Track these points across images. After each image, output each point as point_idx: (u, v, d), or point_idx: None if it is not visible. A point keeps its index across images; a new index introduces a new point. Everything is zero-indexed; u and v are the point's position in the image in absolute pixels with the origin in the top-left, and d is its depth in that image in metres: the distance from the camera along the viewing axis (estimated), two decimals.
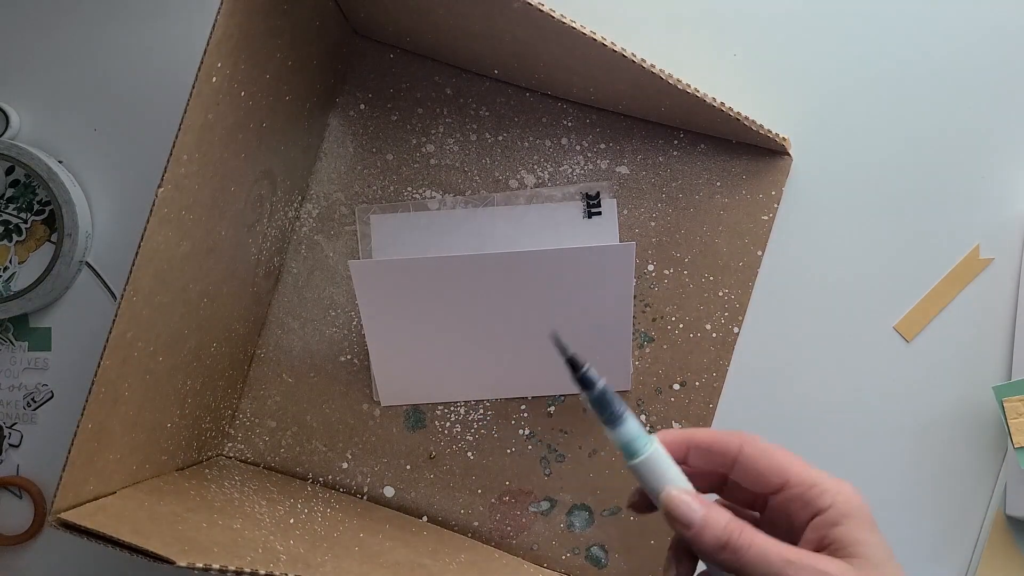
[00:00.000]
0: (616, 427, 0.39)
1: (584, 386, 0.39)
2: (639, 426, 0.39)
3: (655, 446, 0.39)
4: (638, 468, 0.39)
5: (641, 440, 0.39)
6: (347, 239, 0.62)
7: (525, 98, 0.61)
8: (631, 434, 0.39)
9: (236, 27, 0.46)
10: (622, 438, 0.39)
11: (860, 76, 0.59)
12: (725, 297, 0.59)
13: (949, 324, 0.58)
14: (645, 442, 0.39)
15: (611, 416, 0.39)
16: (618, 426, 0.39)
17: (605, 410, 0.39)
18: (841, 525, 0.37)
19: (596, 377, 0.39)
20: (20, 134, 0.63)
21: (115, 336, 0.45)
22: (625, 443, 0.39)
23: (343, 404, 0.62)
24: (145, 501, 0.50)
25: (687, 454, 0.40)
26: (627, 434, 0.39)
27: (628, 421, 0.39)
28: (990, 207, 0.58)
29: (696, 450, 0.40)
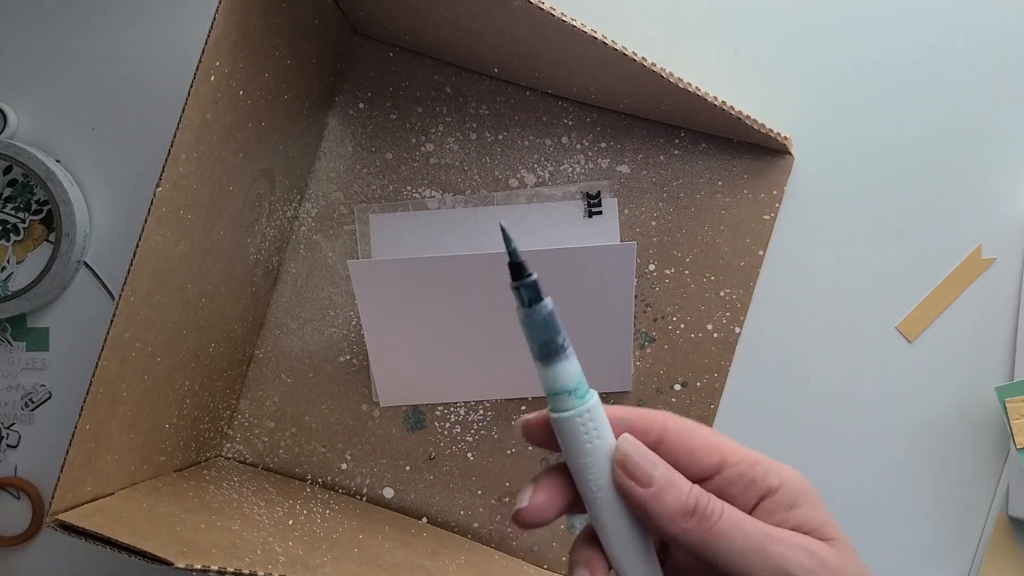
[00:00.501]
0: (555, 362, 0.31)
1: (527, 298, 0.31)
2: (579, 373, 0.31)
3: (595, 397, 0.31)
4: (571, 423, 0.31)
5: (583, 387, 0.31)
6: (346, 239, 0.62)
7: (525, 97, 0.61)
8: (574, 376, 0.31)
9: (235, 25, 0.46)
10: (561, 380, 0.31)
11: (862, 75, 0.59)
12: (727, 297, 0.59)
13: (951, 324, 0.58)
14: (585, 391, 0.31)
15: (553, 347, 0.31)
16: (560, 361, 0.31)
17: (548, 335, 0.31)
18: (799, 507, 0.31)
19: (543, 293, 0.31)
20: (18, 133, 0.63)
21: (113, 336, 0.45)
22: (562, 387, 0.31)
23: (342, 405, 0.61)
24: (143, 502, 0.49)
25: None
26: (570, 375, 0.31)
27: (573, 359, 0.31)
28: (992, 207, 0.58)
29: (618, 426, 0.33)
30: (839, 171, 0.59)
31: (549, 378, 0.31)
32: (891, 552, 0.58)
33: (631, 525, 0.32)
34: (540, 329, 0.31)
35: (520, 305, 0.31)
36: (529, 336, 0.31)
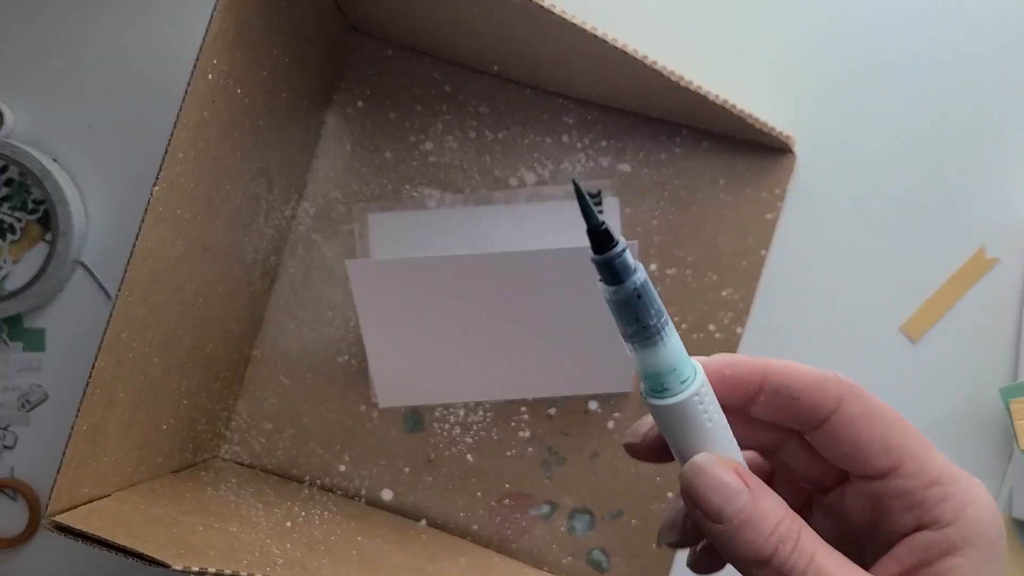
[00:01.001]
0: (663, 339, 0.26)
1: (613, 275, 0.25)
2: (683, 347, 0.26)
3: (700, 379, 0.26)
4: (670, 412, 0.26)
5: (684, 369, 0.26)
6: (345, 238, 0.61)
7: (525, 95, 0.60)
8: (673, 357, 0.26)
9: (233, 23, 0.45)
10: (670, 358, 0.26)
11: (865, 74, 0.59)
12: (729, 297, 0.58)
13: (955, 325, 0.58)
14: (690, 373, 0.26)
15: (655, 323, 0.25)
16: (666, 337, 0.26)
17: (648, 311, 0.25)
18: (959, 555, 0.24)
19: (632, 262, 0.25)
20: (14, 132, 0.62)
21: (110, 336, 0.45)
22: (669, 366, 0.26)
23: (341, 406, 0.61)
24: (140, 504, 0.49)
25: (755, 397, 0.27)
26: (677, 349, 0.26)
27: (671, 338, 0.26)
28: (996, 207, 0.58)
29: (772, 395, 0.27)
30: (842, 170, 0.59)
31: (654, 360, 0.26)
32: None
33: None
34: (636, 306, 0.25)
35: (606, 284, 0.25)
36: (622, 317, 0.26)
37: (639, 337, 0.26)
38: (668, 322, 0.26)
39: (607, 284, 0.25)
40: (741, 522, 0.24)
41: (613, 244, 0.24)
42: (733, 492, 0.24)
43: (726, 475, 0.25)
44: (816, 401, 0.26)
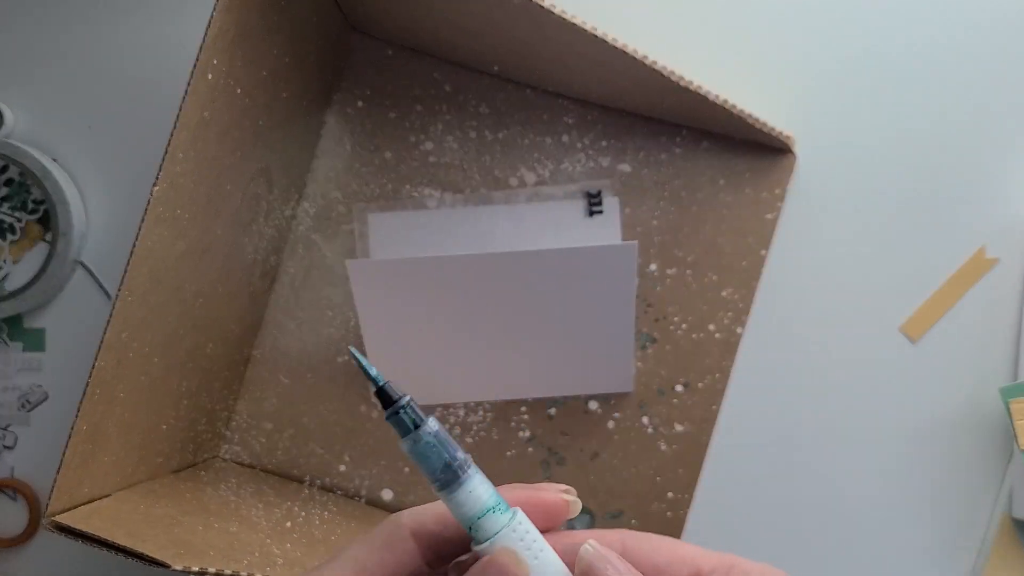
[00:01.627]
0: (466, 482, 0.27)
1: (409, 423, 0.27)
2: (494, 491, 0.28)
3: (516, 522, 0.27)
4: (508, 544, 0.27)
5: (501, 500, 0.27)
6: (345, 238, 0.61)
7: (525, 95, 0.60)
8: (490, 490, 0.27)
9: (232, 23, 0.45)
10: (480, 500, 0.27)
11: (865, 74, 0.59)
12: (729, 297, 0.58)
13: (955, 325, 0.58)
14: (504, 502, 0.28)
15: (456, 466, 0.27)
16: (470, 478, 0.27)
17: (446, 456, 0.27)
18: None
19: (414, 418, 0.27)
20: (14, 132, 0.62)
21: (110, 337, 0.45)
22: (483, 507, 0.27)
23: (341, 406, 0.61)
24: (140, 504, 0.49)
25: None
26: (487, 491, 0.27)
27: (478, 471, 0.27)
28: (996, 207, 0.58)
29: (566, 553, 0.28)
30: (842, 170, 0.59)
31: (465, 502, 0.27)
32: (894, 553, 0.58)
33: None
34: (434, 453, 0.27)
35: (401, 435, 0.27)
36: (424, 465, 0.27)
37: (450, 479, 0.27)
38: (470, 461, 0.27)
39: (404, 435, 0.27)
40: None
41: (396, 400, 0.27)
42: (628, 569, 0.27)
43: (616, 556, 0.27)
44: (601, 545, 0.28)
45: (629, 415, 0.59)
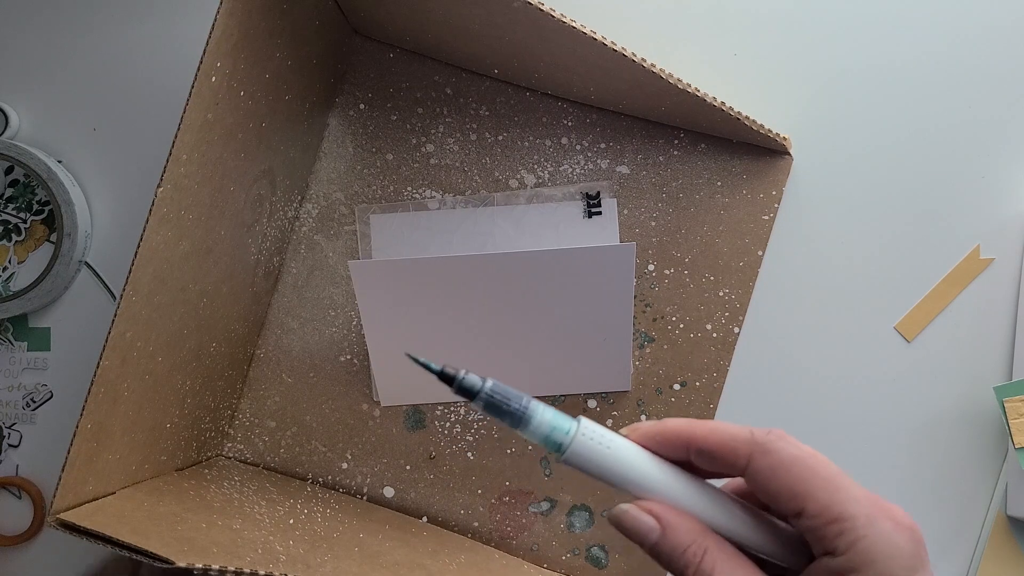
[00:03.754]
0: (525, 426, 0.31)
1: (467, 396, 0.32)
2: (554, 413, 0.32)
3: (581, 428, 0.31)
4: (572, 462, 0.31)
5: (560, 429, 0.31)
6: (347, 239, 0.62)
7: (525, 97, 0.61)
8: (546, 425, 0.31)
9: (236, 26, 0.46)
10: (539, 434, 0.31)
11: (861, 76, 0.59)
12: (726, 297, 0.59)
13: (950, 324, 0.58)
14: (567, 428, 0.31)
15: (513, 416, 0.31)
16: (527, 424, 0.31)
17: (502, 412, 0.31)
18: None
19: (477, 381, 0.31)
20: (19, 134, 0.63)
21: (114, 336, 0.45)
22: (544, 439, 0.31)
23: (343, 404, 0.61)
24: (144, 501, 0.49)
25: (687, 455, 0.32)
26: (540, 428, 0.31)
27: (536, 412, 0.31)
28: (991, 207, 0.58)
29: (696, 455, 0.32)
30: (838, 171, 0.59)
31: (538, 432, 0.31)
32: None
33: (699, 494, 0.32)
34: (499, 408, 0.31)
35: (470, 401, 0.32)
36: (495, 416, 0.32)
37: (517, 422, 0.31)
38: (531, 400, 0.31)
39: (470, 402, 0.32)
40: (656, 552, 0.31)
41: (454, 377, 0.31)
42: (645, 532, 0.31)
43: (638, 520, 0.31)
44: (729, 460, 0.31)
45: (627, 413, 0.59)
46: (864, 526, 0.29)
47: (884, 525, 0.29)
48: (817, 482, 0.30)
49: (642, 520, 0.31)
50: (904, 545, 0.29)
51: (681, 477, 0.32)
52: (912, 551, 0.29)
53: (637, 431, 0.33)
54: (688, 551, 0.31)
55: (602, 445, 0.31)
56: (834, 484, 0.30)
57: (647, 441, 0.32)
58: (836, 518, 0.29)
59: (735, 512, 0.32)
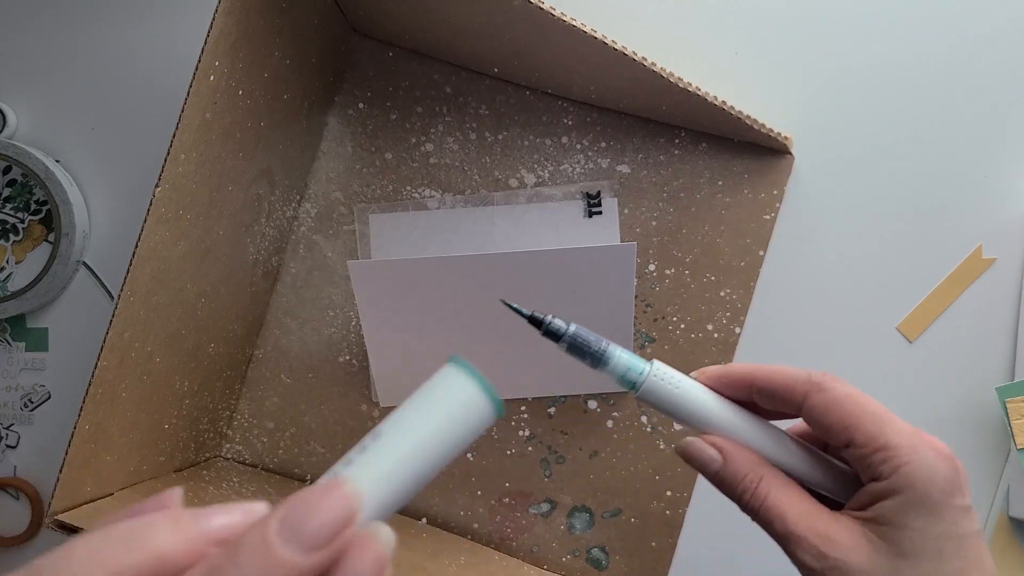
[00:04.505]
0: (604, 366, 0.36)
1: (554, 338, 0.37)
2: (629, 355, 0.36)
3: (654, 369, 0.35)
4: (645, 399, 0.35)
5: (635, 369, 0.35)
6: (346, 239, 0.62)
7: (525, 96, 0.60)
8: (622, 366, 0.35)
9: (234, 25, 0.46)
10: (616, 373, 0.36)
11: (862, 75, 0.59)
12: (727, 297, 0.59)
13: (952, 324, 0.58)
14: (641, 369, 0.35)
15: (593, 357, 0.36)
16: (605, 364, 0.36)
17: (584, 353, 0.36)
18: (889, 499, 0.32)
19: (562, 325, 0.36)
20: (17, 133, 0.63)
21: (112, 336, 0.45)
22: (620, 377, 0.36)
23: (342, 405, 0.61)
24: None
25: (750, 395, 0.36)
26: (618, 368, 0.36)
27: (613, 354, 0.36)
28: (993, 207, 0.58)
29: (759, 395, 0.35)
30: (839, 171, 0.59)
31: (616, 372, 0.36)
32: None
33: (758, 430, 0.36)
34: (581, 350, 0.36)
35: (556, 343, 0.36)
36: (578, 357, 0.36)
37: (596, 362, 0.36)
38: (609, 343, 0.36)
39: (556, 343, 0.36)
40: (718, 479, 0.35)
41: (542, 322, 0.36)
42: (707, 461, 0.35)
43: (703, 451, 0.35)
44: (787, 398, 0.34)
45: (628, 414, 0.59)
46: (907, 453, 0.32)
47: (925, 453, 0.32)
48: (865, 416, 0.33)
49: (706, 451, 0.35)
50: (943, 471, 0.32)
51: (743, 415, 0.35)
52: (950, 476, 0.32)
53: (705, 374, 0.36)
54: (746, 478, 0.34)
55: (671, 385, 0.35)
56: (880, 417, 0.33)
57: (713, 383, 0.36)
58: (882, 447, 0.32)
59: (791, 448, 0.35)
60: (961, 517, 0.32)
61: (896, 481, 0.32)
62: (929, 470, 0.32)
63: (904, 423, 0.33)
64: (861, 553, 0.32)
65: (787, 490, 0.34)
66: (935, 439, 0.33)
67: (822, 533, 0.33)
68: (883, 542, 0.32)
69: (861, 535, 0.32)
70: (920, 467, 0.32)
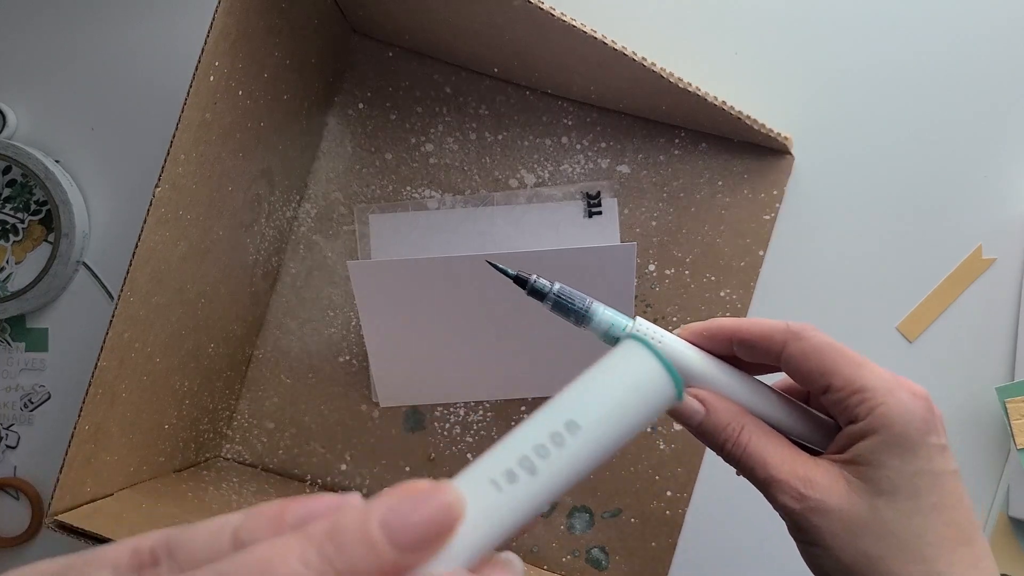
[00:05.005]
0: (588, 323, 0.37)
1: (539, 297, 0.38)
2: (613, 312, 0.37)
3: (636, 325, 0.37)
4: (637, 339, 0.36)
5: (618, 325, 0.37)
6: (346, 239, 0.62)
7: (525, 96, 0.60)
8: (605, 322, 0.37)
9: (234, 25, 0.46)
10: (600, 330, 0.37)
11: (862, 75, 0.59)
12: (727, 297, 0.59)
13: (952, 324, 0.58)
14: (623, 325, 0.37)
15: (577, 314, 0.37)
16: (589, 321, 0.37)
17: (568, 312, 0.37)
18: (865, 440, 0.33)
19: (547, 284, 0.38)
20: (17, 134, 0.63)
21: (112, 337, 0.45)
22: (604, 334, 0.37)
23: (342, 405, 0.61)
24: (143, 503, 0.49)
25: (732, 348, 0.37)
26: (601, 324, 0.37)
27: (596, 311, 0.37)
28: (992, 207, 0.58)
29: (739, 346, 0.36)
30: (839, 171, 0.59)
31: (599, 329, 0.37)
32: None
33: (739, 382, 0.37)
34: (565, 307, 0.37)
35: (540, 301, 0.38)
36: (562, 315, 0.37)
37: (580, 319, 0.37)
38: (592, 301, 0.37)
39: (541, 301, 0.38)
40: (701, 430, 0.36)
41: (526, 281, 0.38)
42: (691, 412, 0.36)
43: (686, 403, 0.36)
44: (766, 347, 0.35)
45: None
46: (883, 394, 0.33)
47: (901, 394, 0.33)
48: (842, 361, 0.34)
49: (689, 403, 0.36)
50: (918, 410, 0.33)
51: (724, 368, 0.36)
52: (925, 416, 0.33)
53: (687, 329, 0.37)
54: (728, 427, 0.35)
55: (654, 340, 0.36)
56: (857, 362, 0.34)
57: (695, 337, 0.37)
58: (858, 389, 0.33)
59: (772, 399, 0.36)
60: (936, 455, 0.33)
61: (872, 422, 0.33)
62: (904, 410, 0.33)
63: (882, 369, 0.34)
64: (839, 493, 0.33)
65: (768, 437, 0.35)
66: (911, 382, 0.34)
67: (801, 476, 0.34)
68: (860, 481, 0.33)
69: (839, 476, 0.33)
70: (895, 407, 0.33)
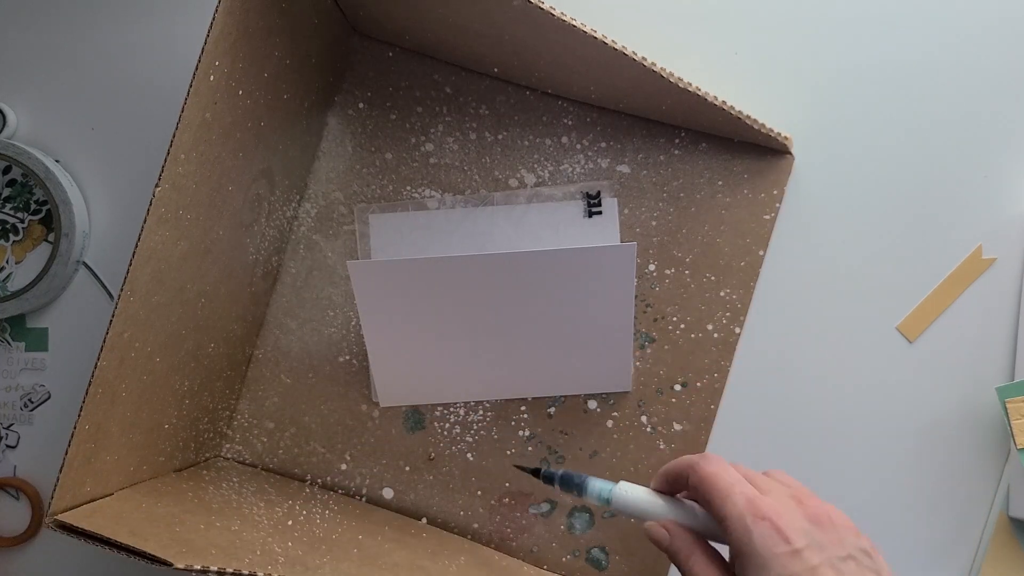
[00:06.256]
0: (585, 493, 0.49)
1: (548, 482, 0.50)
2: (600, 481, 0.49)
3: (615, 489, 0.48)
4: (616, 507, 0.48)
5: (605, 490, 0.48)
6: (346, 239, 0.62)
7: (525, 96, 0.60)
8: (596, 489, 0.49)
9: (234, 25, 0.46)
10: (593, 497, 0.49)
11: (863, 75, 0.59)
12: (727, 297, 0.59)
13: (952, 324, 0.58)
14: (608, 489, 0.48)
15: (577, 488, 0.49)
16: (585, 491, 0.49)
17: (570, 487, 0.49)
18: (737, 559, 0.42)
19: (553, 471, 0.50)
20: (17, 133, 0.63)
21: (112, 336, 0.45)
22: (596, 499, 0.48)
23: (342, 405, 0.61)
24: (143, 502, 0.49)
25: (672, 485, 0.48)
26: (594, 492, 0.49)
27: (589, 483, 0.49)
28: (993, 207, 0.58)
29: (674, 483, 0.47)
30: (840, 171, 0.59)
31: (591, 495, 0.49)
32: (892, 553, 0.58)
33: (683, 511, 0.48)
34: (568, 486, 0.50)
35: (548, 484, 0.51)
36: (565, 491, 0.50)
37: (580, 492, 0.49)
38: (587, 477, 0.49)
39: (550, 486, 0.51)
40: (668, 551, 0.46)
41: (539, 473, 0.51)
42: (660, 539, 0.46)
43: (657, 532, 0.46)
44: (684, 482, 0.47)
45: (628, 414, 0.59)
46: (735, 523, 0.41)
47: (746, 522, 0.41)
48: (713, 493, 0.43)
49: (658, 532, 0.46)
50: (760, 531, 0.40)
51: (676, 504, 0.47)
52: (767, 534, 0.40)
53: (655, 479, 0.48)
54: (680, 552, 0.45)
55: (630, 495, 0.48)
56: (723, 493, 0.43)
57: (658, 482, 0.48)
58: (721, 519, 0.42)
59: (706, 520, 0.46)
60: (788, 562, 0.39)
61: (734, 546, 0.42)
62: (750, 537, 0.40)
63: (744, 493, 0.42)
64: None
65: (704, 560, 0.44)
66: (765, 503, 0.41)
67: None
68: None
69: None
70: (744, 535, 0.41)
